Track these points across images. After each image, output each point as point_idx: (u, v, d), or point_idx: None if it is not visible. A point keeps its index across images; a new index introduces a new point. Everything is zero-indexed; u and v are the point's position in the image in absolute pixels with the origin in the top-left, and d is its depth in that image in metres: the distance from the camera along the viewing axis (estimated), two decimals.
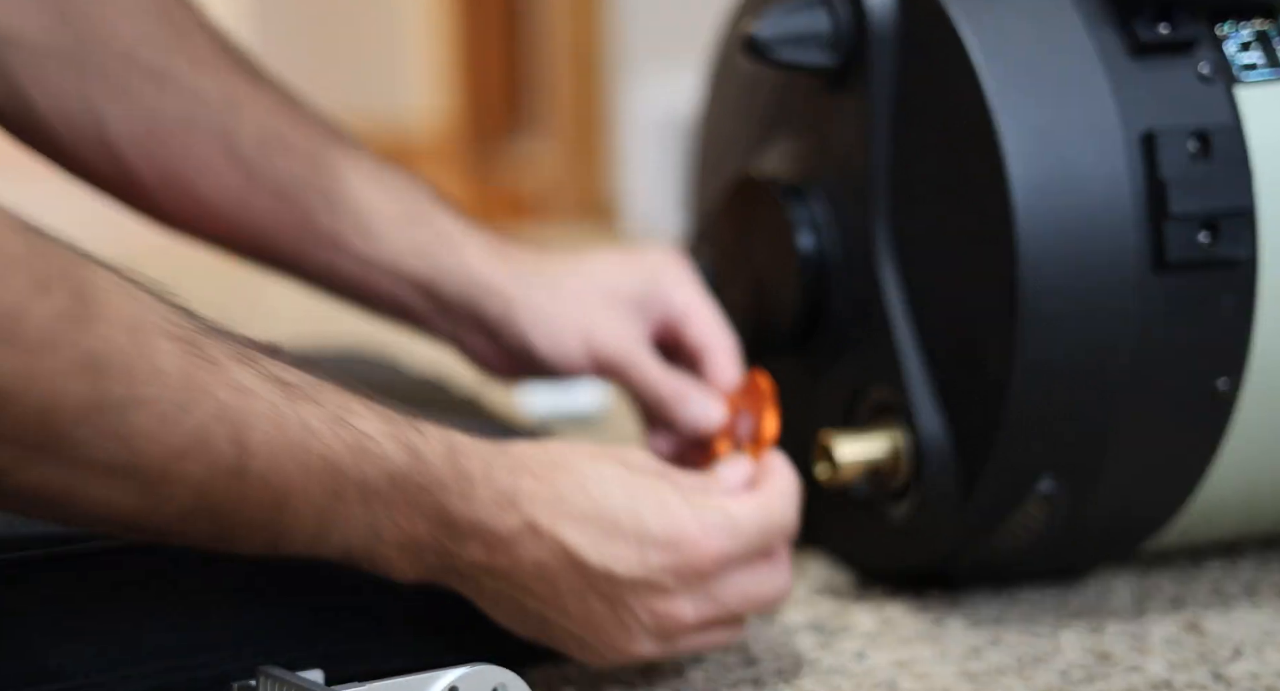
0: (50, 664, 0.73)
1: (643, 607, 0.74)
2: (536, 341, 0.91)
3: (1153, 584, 0.95)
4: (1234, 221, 0.83)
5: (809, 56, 0.90)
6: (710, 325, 0.93)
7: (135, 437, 0.60)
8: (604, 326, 0.92)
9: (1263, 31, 0.86)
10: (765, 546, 0.77)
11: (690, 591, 0.75)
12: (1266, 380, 0.85)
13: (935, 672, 0.83)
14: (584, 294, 0.93)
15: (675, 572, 0.74)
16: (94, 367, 0.59)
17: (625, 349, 0.92)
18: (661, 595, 0.74)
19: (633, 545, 0.74)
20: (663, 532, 0.74)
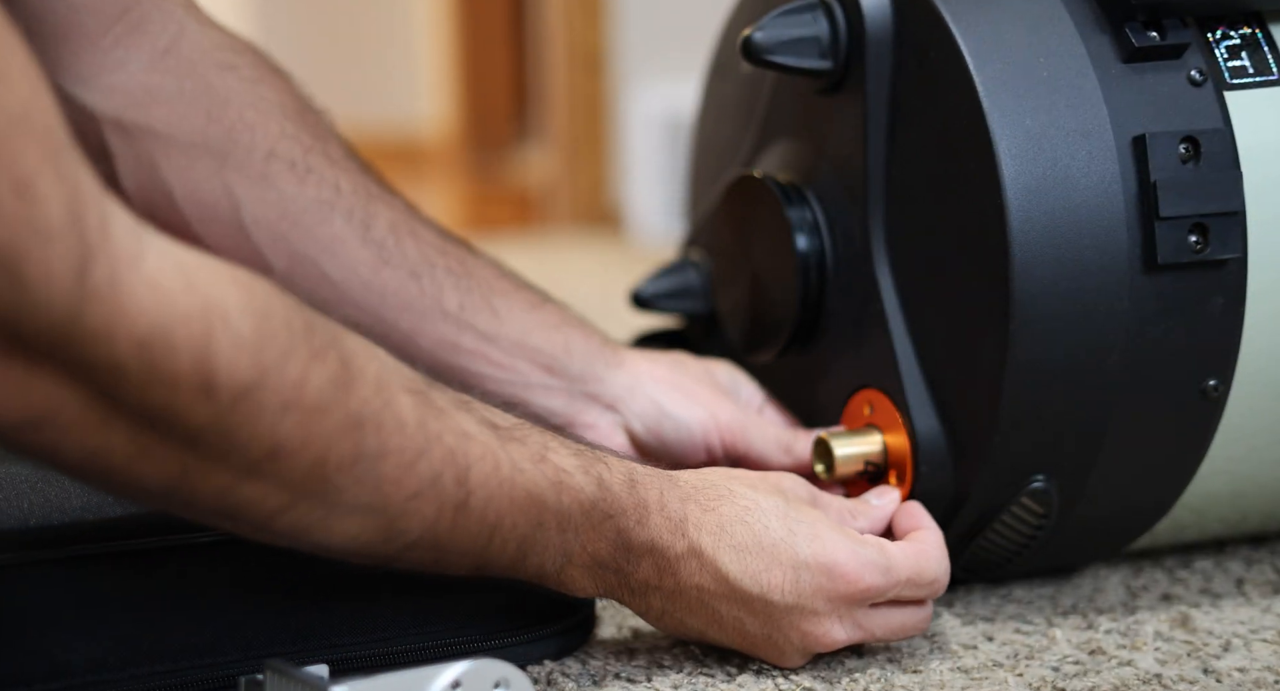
0: (60, 661, 0.74)
1: (795, 630, 0.80)
2: (672, 410, 0.96)
3: (1143, 580, 0.96)
4: (1223, 223, 0.84)
5: (806, 60, 0.91)
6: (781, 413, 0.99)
7: (384, 483, 0.69)
8: (718, 399, 0.97)
9: (1252, 37, 0.87)
10: (915, 593, 0.82)
11: (839, 617, 0.80)
12: (1255, 380, 0.86)
13: (930, 667, 0.84)
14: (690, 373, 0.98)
15: (826, 597, 0.79)
16: (357, 425, 0.67)
17: (741, 417, 0.96)
18: (813, 618, 0.80)
19: (788, 572, 0.79)
20: (815, 560, 0.79)
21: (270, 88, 0.91)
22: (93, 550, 0.74)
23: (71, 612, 0.74)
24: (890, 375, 0.88)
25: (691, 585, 0.79)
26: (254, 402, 0.63)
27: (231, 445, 0.64)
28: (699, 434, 0.95)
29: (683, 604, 0.79)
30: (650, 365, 0.97)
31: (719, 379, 0.99)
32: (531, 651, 0.83)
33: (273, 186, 0.90)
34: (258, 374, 0.63)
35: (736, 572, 0.78)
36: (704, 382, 0.97)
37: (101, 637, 0.74)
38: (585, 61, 2.67)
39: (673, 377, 0.97)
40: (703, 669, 0.84)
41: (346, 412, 0.66)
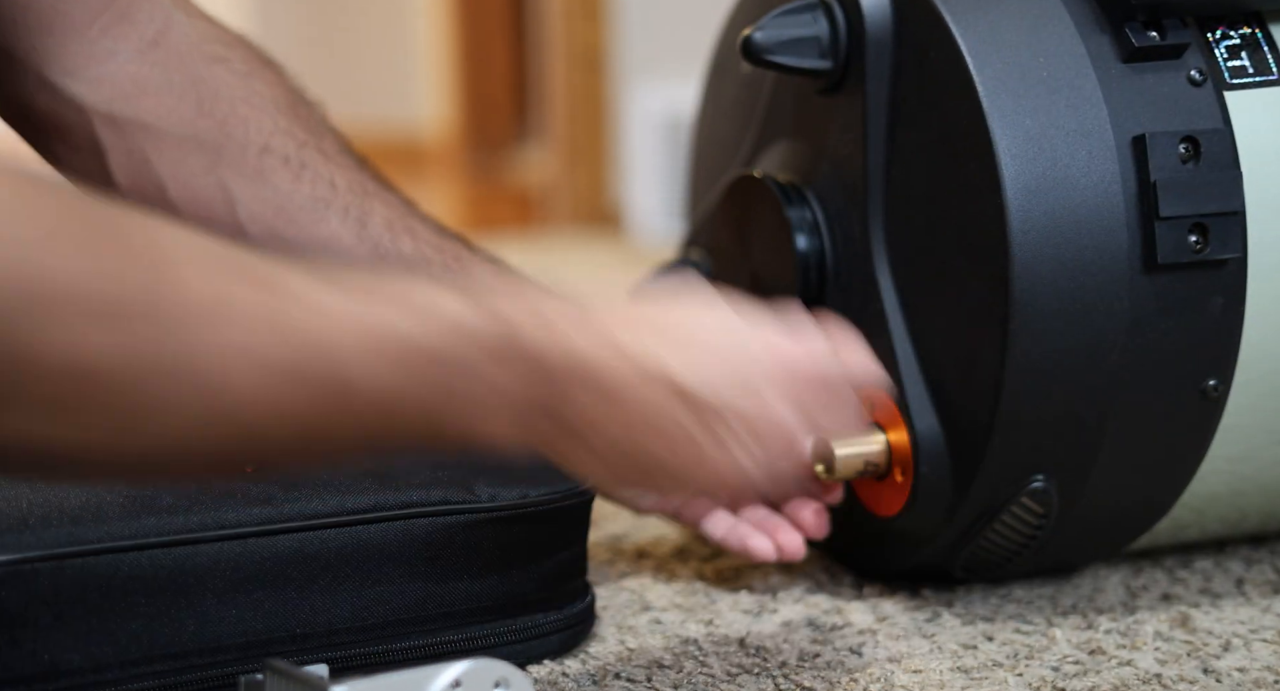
0: (60, 661, 0.74)
1: (744, 422, 0.73)
2: None
3: (1143, 580, 0.96)
4: (1223, 223, 0.84)
5: (806, 60, 0.91)
6: None
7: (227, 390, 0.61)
8: None
9: (1252, 37, 0.88)
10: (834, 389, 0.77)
11: (785, 397, 0.74)
12: (1255, 380, 0.87)
13: (930, 667, 0.84)
14: None
15: (771, 378, 0.74)
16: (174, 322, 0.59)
17: None
18: (761, 403, 0.73)
19: (731, 364, 0.73)
20: (761, 345, 0.74)
21: (263, 81, 0.91)
22: (93, 550, 0.74)
23: (72, 612, 0.74)
24: (890, 374, 0.88)
25: (636, 402, 0.72)
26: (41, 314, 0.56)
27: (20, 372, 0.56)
28: None
29: (626, 428, 0.72)
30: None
31: None
32: (532, 648, 0.84)
33: (268, 183, 0.89)
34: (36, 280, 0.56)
35: (680, 372, 0.72)
36: None
37: (101, 637, 0.74)
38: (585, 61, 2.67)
39: None
40: (703, 669, 0.84)
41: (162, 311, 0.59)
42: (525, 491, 0.83)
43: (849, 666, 0.84)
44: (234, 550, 0.77)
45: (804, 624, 0.90)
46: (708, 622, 0.90)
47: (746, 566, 0.99)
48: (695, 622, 0.90)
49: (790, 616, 0.91)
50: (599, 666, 0.84)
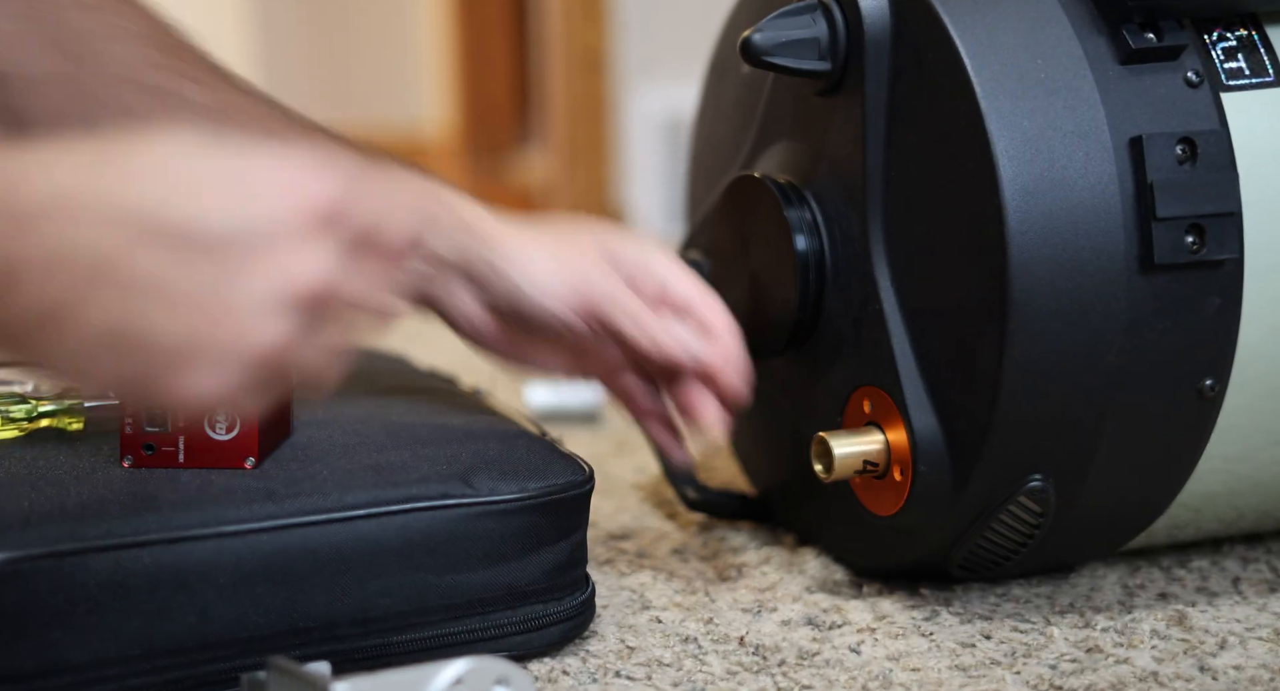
0: (62, 659, 0.74)
1: (253, 272, 0.57)
2: (523, 283, 0.89)
3: (1140, 579, 0.96)
4: (1220, 224, 0.84)
5: (805, 61, 0.91)
6: (690, 282, 0.93)
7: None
8: (588, 270, 0.90)
9: (1249, 38, 0.88)
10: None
11: (309, 242, 0.58)
12: (1251, 380, 0.87)
13: (928, 665, 0.85)
14: (569, 243, 0.92)
15: (288, 218, 0.57)
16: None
17: (610, 288, 0.90)
18: (274, 249, 0.57)
19: (225, 188, 0.57)
20: (265, 170, 0.58)
21: (118, 13, 0.90)
22: (94, 546, 0.75)
23: (72, 609, 0.74)
24: (889, 374, 0.89)
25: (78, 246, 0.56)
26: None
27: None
28: (559, 312, 0.89)
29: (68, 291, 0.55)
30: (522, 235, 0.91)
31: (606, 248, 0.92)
32: (532, 639, 0.84)
33: (134, 115, 0.88)
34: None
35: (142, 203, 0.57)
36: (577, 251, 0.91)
37: (102, 634, 0.75)
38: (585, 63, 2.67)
39: (540, 248, 0.91)
40: (702, 667, 0.84)
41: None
42: (524, 484, 0.84)
43: (848, 665, 0.85)
44: (235, 546, 0.77)
45: (803, 622, 0.91)
46: (707, 621, 0.91)
47: (746, 565, 0.99)
48: (694, 621, 0.91)
49: (789, 615, 0.91)
50: (599, 664, 0.85)
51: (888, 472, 0.90)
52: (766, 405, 1.03)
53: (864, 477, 0.91)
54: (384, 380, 1.04)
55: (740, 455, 1.11)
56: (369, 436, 0.88)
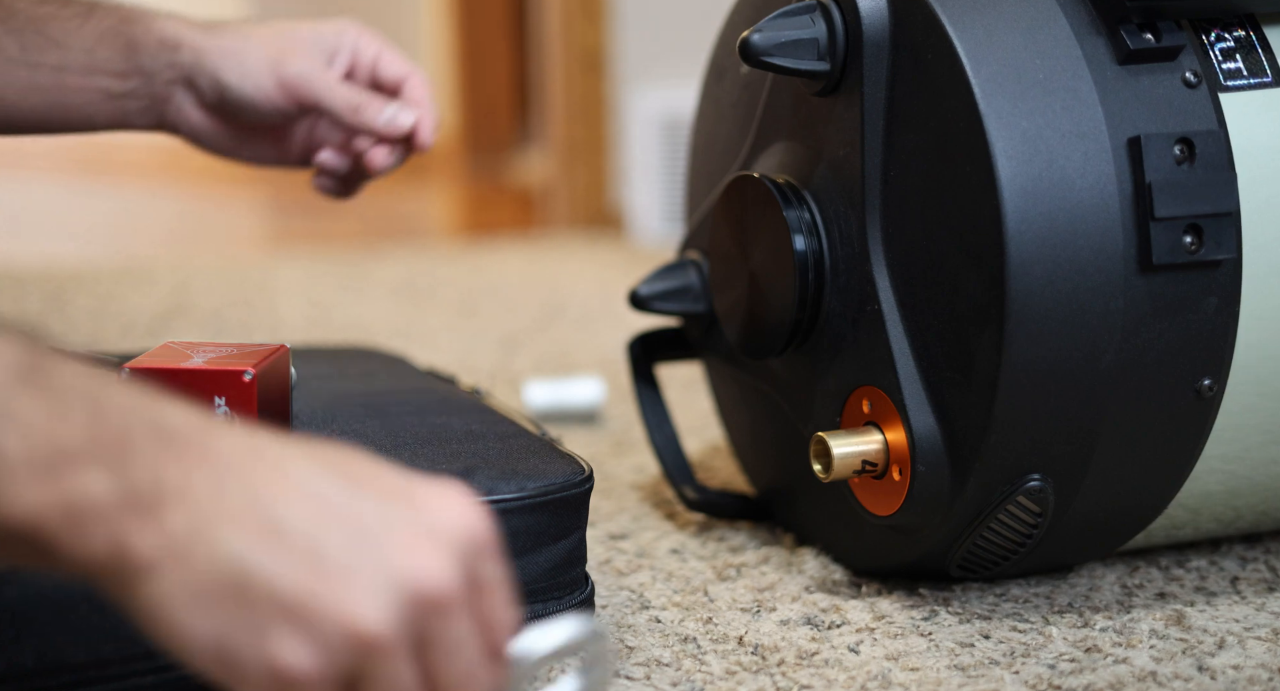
0: (65, 657, 0.74)
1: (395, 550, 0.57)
2: (228, 78, 1.00)
3: (1139, 578, 0.96)
4: (1218, 224, 0.84)
5: (804, 62, 0.91)
6: (399, 61, 1.05)
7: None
8: (292, 57, 1.01)
9: (1246, 39, 0.88)
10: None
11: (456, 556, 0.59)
12: (1249, 380, 0.87)
13: (927, 665, 0.85)
14: (271, 37, 1.02)
15: (449, 526, 0.59)
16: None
17: (313, 72, 1.01)
18: (424, 542, 0.58)
19: (395, 490, 0.59)
20: (434, 489, 0.59)
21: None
22: None
23: (74, 609, 0.74)
24: (888, 374, 0.89)
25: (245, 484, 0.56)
26: None
27: None
28: (260, 97, 1.01)
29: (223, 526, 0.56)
30: (219, 37, 1.01)
31: (300, 36, 1.03)
32: None
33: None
34: None
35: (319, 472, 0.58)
36: (286, 43, 1.02)
37: (103, 633, 0.75)
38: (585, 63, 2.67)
39: (243, 46, 1.00)
40: (701, 667, 0.84)
41: None
42: (523, 483, 0.84)
43: (847, 664, 0.85)
44: None
45: (802, 622, 0.91)
46: (706, 620, 0.91)
47: (745, 565, 1.00)
48: (694, 621, 0.91)
49: (788, 614, 0.92)
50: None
51: (886, 472, 0.90)
52: (766, 405, 1.03)
53: (863, 477, 0.91)
54: (384, 380, 1.04)
55: (740, 455, 1.11)
56: (368, 436, 0.89)
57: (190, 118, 1.02)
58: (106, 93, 0.98)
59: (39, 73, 0.95)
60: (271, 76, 1.00)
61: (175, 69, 0.99)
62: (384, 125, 1.01)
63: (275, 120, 1.02)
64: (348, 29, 1.04)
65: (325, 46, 1.03)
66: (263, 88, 1.00)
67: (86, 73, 0.97)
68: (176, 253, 2.85)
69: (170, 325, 1.79)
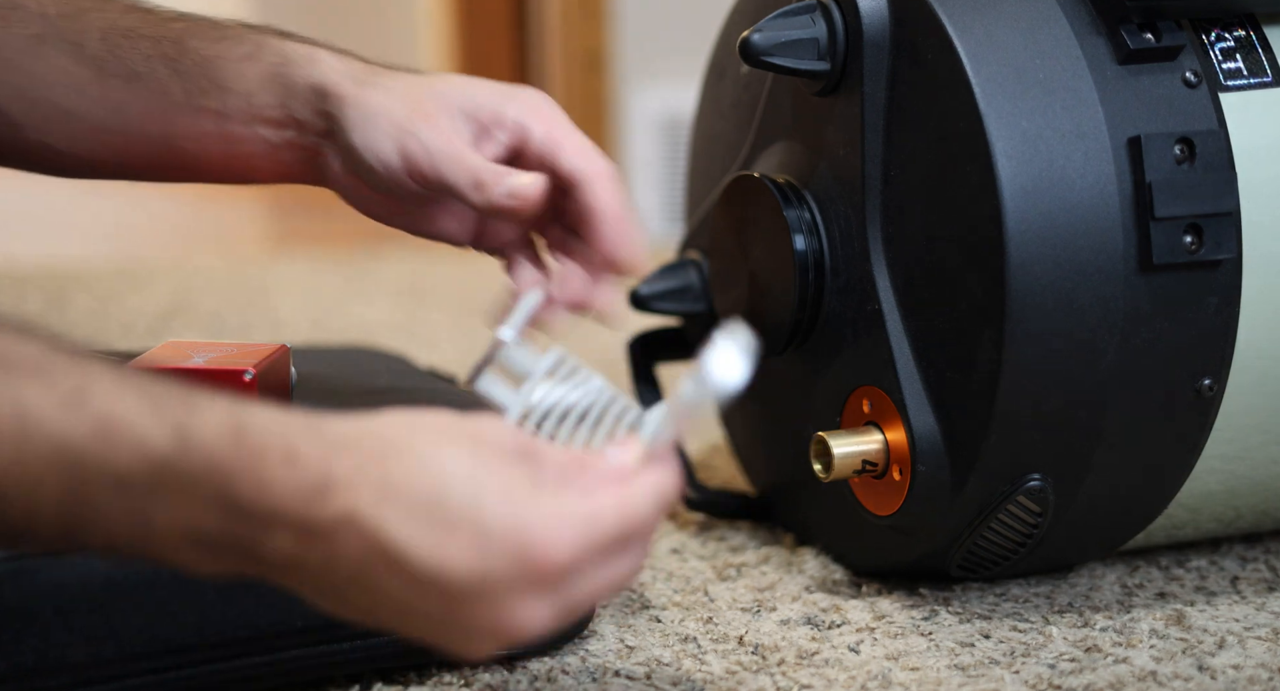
0: (65, 657, 0.74)
1: (482, 614, 0.64)
2: (356, 139, 0.84)
3: (1139, 578, 0.96)
4: (1218, 224, 0.84)
5: (804, 62, 0.91)
6: (582, 151, 0.84)
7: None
8: (426, 123, 0.83)
9: (1246, 39, 0.88)
10: (622, 542, 0.66)
11: (536, 597, 0.64)
12: (1249, 380, 0.87)
13: (927, 665, 0.85)
14: (415, 96, 0.84)
15: (519, 574, 0.63)
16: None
17: (441, 144, 0.83)
18: (503, 600, 0.63)
19: (472, 543, 0.63)
20: (504, 531, 0.63)
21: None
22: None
23: (74, 608, 0.74)
24: (888, 374, 0.89)
25: (349, 558, 0.63)
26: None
27: None
28: (382, 172, 0.83)
29: (340, 579, 0.63)
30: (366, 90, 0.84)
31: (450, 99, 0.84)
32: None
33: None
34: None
35: (406, 543, 0.62)
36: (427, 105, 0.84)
37: (104, 633, 0.75)
38: (585, 63, 2.67)
39: (381, 104, 0.84)
40: (701, 667, 0.84)
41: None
42: None
43: (847, 664, 0.85)
44: None
45: (802, 622, 0.91)
46: (706, 620, 0.91)
47: (745, 565, 1.00)
48: (694, 620, 0.91)
49: (788, 614, 0.92)
50: (598, 664, 0.85)
51: (887, 472, 0.90)
52: (766, 405, 1.03)
53: (863, 477, 0.91)
54: (384, 380, 1.04)
55: (740, 455, 1.11)
56: None
57: (339, 177, 0.87)
58: (266, 142, 0.87)
59: (203, 118, 0.86)
60: (394, 146, 0.83)
61: (323, 120, 0.85)
62: (504, 198, 0.81)
63: (403, 196, 0.85)
64: (517, 97, 0.85)
65: (478, 116, 0.84)
66: (383, 158, 0.83)
67: (247, 120, 0.86)
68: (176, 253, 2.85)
69: (170, 325, 1.79)
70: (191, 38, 0.88)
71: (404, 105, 0.84)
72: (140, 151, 0.89)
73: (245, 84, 0.86)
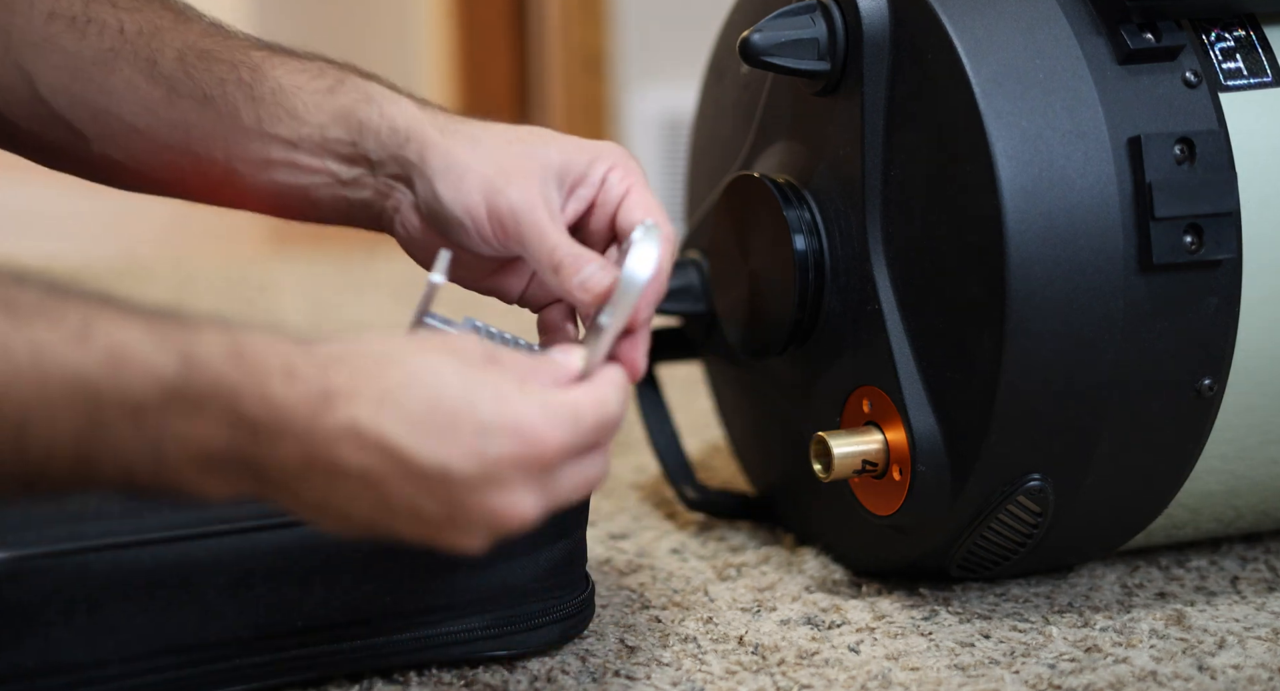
0: (66, 657, 0.74)
1: (481, 506, 0.69)
2: (441, 189, 0.84)
3: (1139, 578, 0.96)
4: (1218, 224, 0.84)
5: (804, 62, 0.91)
6: (643, 208, 0.85)
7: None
8: (515, 180, 0.84)
9: (1247, 39, 0.88)
10: (600, 438, 0.72)
11: (530, 485, 0.69)
12: (1249, 380, 0.87)
13: (927, 665, 0.85)
14: (503, 150, 0.85)
15: (516, 464, 0.69)
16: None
17: (529, 207, 0.83)
18: (501, 490, 0.68)
19: (470, 438, 0.68)
20: (501, 425, 0.68)
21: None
22: (95, 546, 0.75)
23: (75, 608, 0.74)
24: (888, 374, 0.89)
25: (353, 466, 0.67)
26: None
27: None
28: (468, 223, 0.84)
29: (344, 491, 0.67)
30: (452, 140, 0.85)
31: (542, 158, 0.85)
32: (531, 638, 0.84)
33: (56, 49, 0.86)
34: None
35: (409, 445, 0.67)
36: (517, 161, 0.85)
37: (104, 633, 0.75)
38: (585, 63, 2.67)
39: (469, 156, 0.85)
40: (702, 667, 0.84)
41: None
42: None
43: (847, 664, 0.85)
44: (235, 545, 0.77)
45: (802, 622, 0.91)
46: (706, 620, 0.91)
47: (745, 565, 1.00)
48: (694, 620, 0.91)
49: (788, 614, 0.92)
50: (598, 664, 0.85)
51: (887, 472, 0.90)
52: (766, 405, 1.04)
53: (863, 477, 0.91)
54: None
55: (740, 455, 1.11)
56: None
57: (406, 221, 0.87)
58: (334, 177, 0.87)
59: (272, 146, 0.86)
60: (484, 202, 0.83)
61: (399, 164, 0.86)
62: (578, 289, 0.82)
63: (483, 252, 0.86)
64: (604, 156, 0.86)
65: (566, 174, 0.85)
66: (472, 213, 0.83)
67: (317, 152, 0.87)
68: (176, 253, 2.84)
69: None
70: (270, 66, 0.88)
71: (493, 162, 0.84)
72: (200, 173, 0.89)
73: (321, 116, 0.87)
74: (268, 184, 0.88)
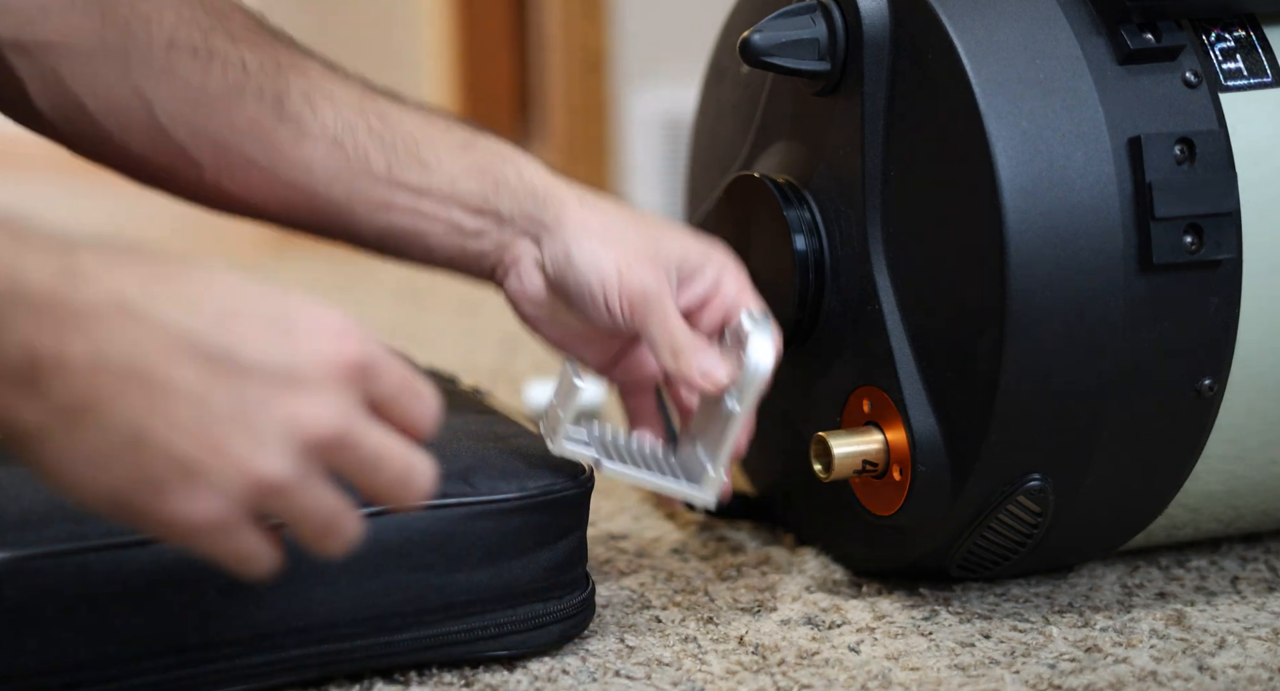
0: (66, 657, 0.74)
1: (278, 404, 0.62)
2: (580, 259, 0.88)
3: (1139, 578, 0.96)
4: (1218, 224, 0.84)
5: (804, 62, 0.91)
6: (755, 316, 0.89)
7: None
8: (644, 265, 0.88)
9: (1247, 39, 0.88)
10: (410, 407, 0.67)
11: (337, 391, 0.63)
12: (1249, 380, 0.87)
13: (927, 665, 0.85)
14: (633, 231, 0.90)
15: (323, 363, 0.63)
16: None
17: (658, 290, 0.88)
18: (303, 388, 0.62)
19: (271, 324, 0.62)
20: (309, 316, 0.63)
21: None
22: (95, 546, 0.75)
23: (74, 608, 0.74)
24: (888, 374, 0.89)
25: (119, 351, 0.59)
26: None
27: None
28: (598, 290, 0.88)
29: (104, 390, 0.59)
30: (588, 210, 0.90)
31: (667, 247, 0.90)
32: (532, 638, 0.84)
33: (178, 79, 0.87)
34: None
35: (189, 323, 0.61)
36: (645, 246, 0.89)
37: (104, 633, 0.75)
38: (585, 63, 2.67)
39: (606, 234, 0.89)
40: (702, 667, 0.85)
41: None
42: (523, 483, 0.84)
43: (847, 664, 0.85)
44: None
45: (802, 622, 0.91)
46: (706, 620, 0.91)
47: (745, 565, 1.00)
48: (694, 620, 0.91)
49: (789, 614, 0.92)
50: (598, 663, 0.85)
51: (887, 472, 0.90)
52: (766, 405, 1.03)
53: (863, 477, 0.91)
54: None
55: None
56: None
57: (524, 276, 0.91)
58: (457, 227, 0.90)
59: (398, 193, 0.90)
60: (618, 275, 0.88)
61: (532, 222, 0.90)
62: (696, 375, 0.86)
63: (600, 324, 0.89)
64: (713, 256, 0.91)
65: (684, 266, 0.90)
66: (605, 283, 0.88)
67: (443, 201, 0.90)
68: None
69: None
70: (398, 116, 0.92)
71: (626, 240, 0.89)
72: (314, 209, 0.91)
73: (452, 168, 0.90)
74: (384, 225, 0.91)
